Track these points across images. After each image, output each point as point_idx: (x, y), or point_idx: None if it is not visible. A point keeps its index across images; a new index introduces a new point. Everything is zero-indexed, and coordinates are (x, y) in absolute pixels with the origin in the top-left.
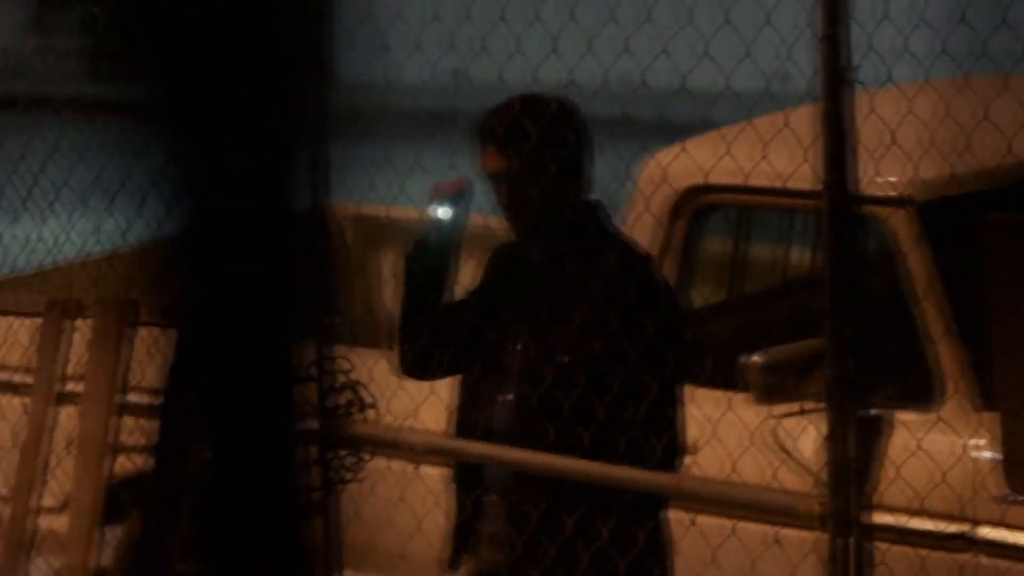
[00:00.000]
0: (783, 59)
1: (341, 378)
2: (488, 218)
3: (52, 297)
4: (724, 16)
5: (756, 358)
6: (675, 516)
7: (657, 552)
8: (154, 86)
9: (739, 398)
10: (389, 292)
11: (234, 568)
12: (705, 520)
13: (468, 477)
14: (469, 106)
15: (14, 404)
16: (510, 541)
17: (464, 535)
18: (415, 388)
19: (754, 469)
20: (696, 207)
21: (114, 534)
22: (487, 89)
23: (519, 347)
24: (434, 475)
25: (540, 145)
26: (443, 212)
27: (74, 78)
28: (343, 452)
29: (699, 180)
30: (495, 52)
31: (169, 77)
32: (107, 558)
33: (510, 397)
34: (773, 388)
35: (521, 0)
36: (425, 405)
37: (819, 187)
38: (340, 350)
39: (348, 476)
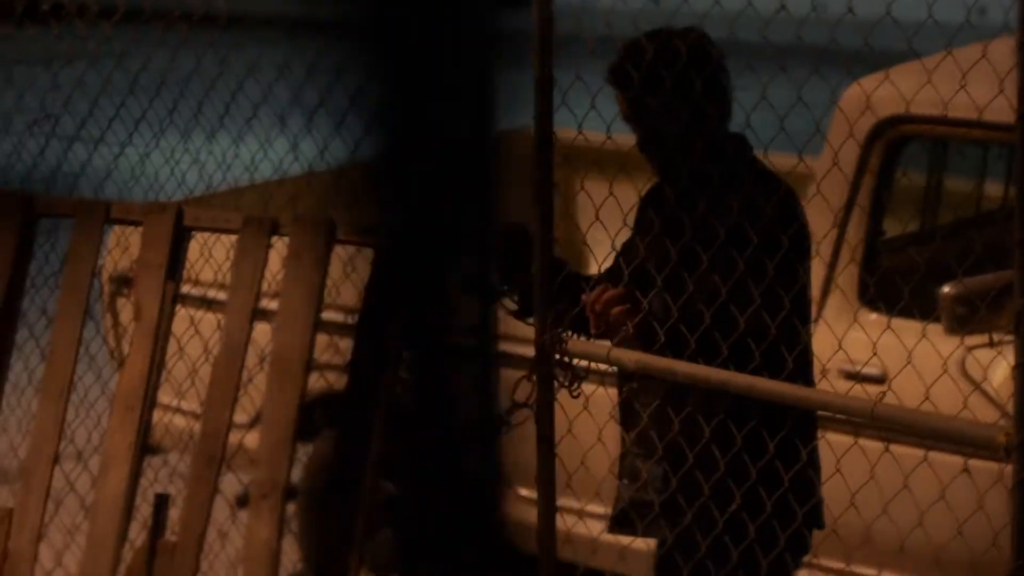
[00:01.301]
0: None
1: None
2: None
3: (248, 214)
4: None
5: (948, 288)
6: (868, 444)
7: (816, 471)
8: (358, 6)
9: (932, 328)
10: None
11: (426, 487)
12: (897, 448)
13: (627, 412)
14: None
15: (208, 319)
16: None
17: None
18: None
19: (945, 399)
20: (894, 136)
21: (305, 451)
22: (675, 13)
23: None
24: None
25: (671, 88)
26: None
27: None
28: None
29: (898, 110)
30: None
31: None
32: (298, 475)
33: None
34: (964, 319)
35: None
36: None
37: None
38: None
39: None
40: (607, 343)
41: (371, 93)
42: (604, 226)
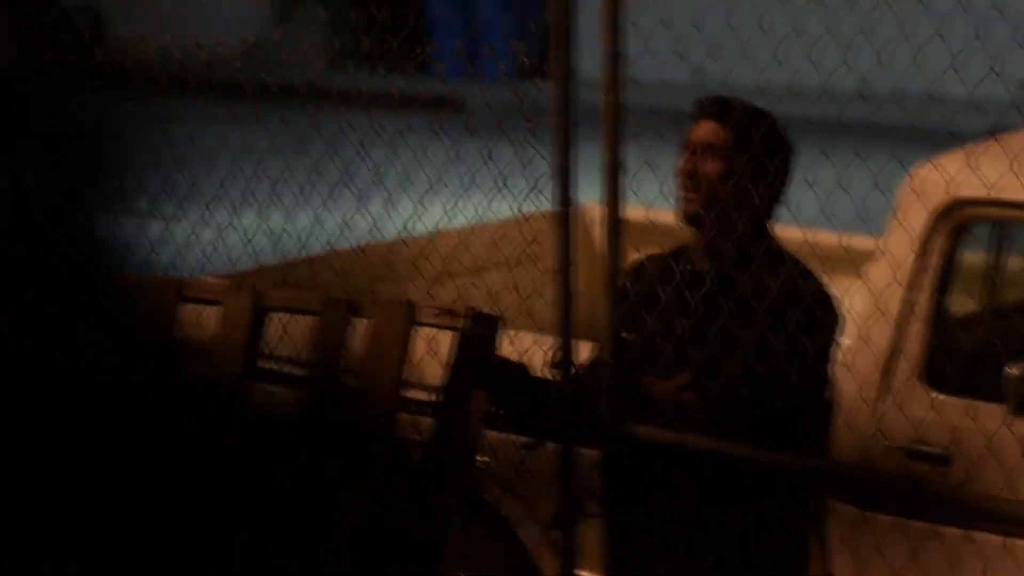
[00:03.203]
0: None
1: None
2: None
3: (327, 296)
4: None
5: (1013, 370)
6: (919, 527)
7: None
8: None
9: (993, 409)
10: None
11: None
12: (952, 532)
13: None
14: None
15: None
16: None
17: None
18: None
19: (1009, 482)
20: (963, 216)
21: None
22: (721, 87)
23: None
24: None
25: (761, 144)
26: None
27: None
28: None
29: (969, 192)
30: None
31: None
32: None
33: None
34: None
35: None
36: None
37: None
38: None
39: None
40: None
41: None
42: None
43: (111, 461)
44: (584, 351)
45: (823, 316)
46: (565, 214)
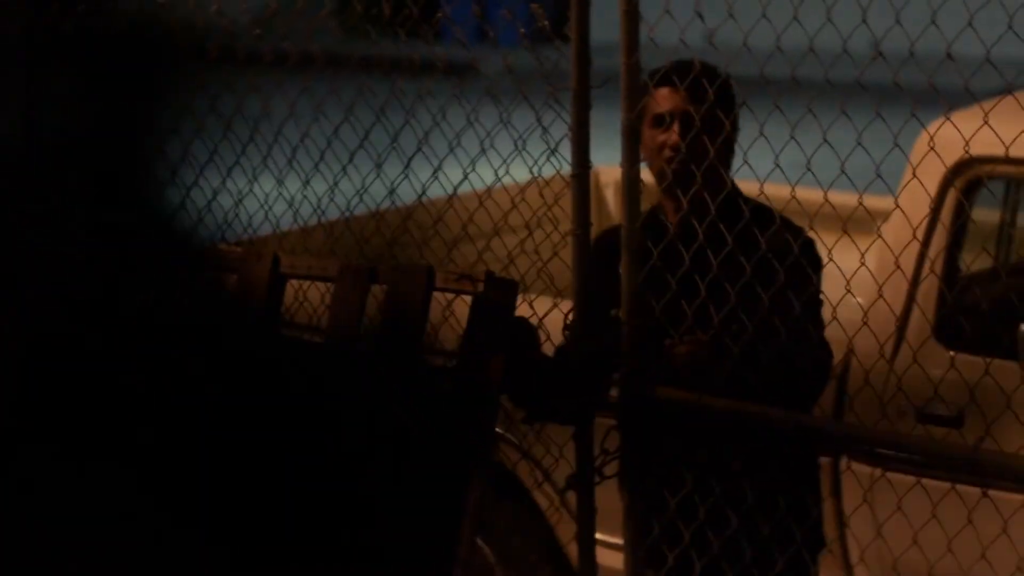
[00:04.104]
0: None
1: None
2: None
3: (345, 263)
4: None
5: None
6: (934, 484)
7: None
8: None
9: (1009, 367)
10: None
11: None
12: (967, 490)
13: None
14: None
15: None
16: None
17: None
18: None
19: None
20: (974, 175)
21: None
22: (734, 54)
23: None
24: None
25: (723, 105)
26: None
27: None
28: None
29: (980, 150)
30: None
31: None
32: None
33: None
34: None
35: None
36: None
37: None
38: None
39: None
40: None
41: None
42: None
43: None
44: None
45: (813, 260)
46: (583, 176)
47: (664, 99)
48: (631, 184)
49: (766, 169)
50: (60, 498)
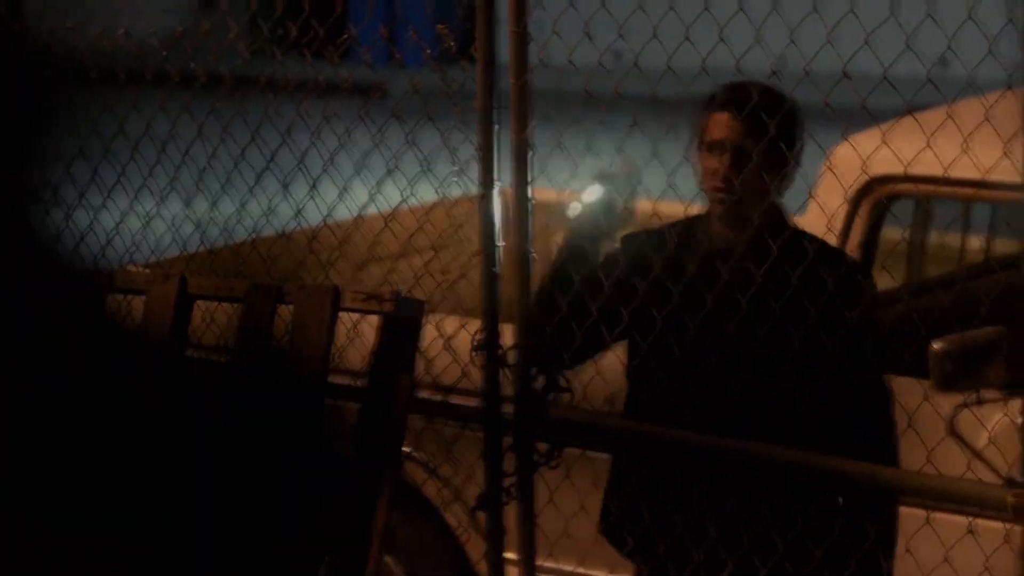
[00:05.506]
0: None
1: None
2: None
3: (252, 283)
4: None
5: (936, 345)
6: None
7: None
8: None
9: (913, 384)
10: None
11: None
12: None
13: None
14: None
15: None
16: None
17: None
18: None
19: (943, 458)
20: (884, 193)
21: None
22: (625, 74)
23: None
24: None
25: (783, 136)
26: (604, 192)
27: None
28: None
29: (889, 169)
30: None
31: None
32: None
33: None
34: (953, 376)
35: None
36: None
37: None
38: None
39: (545, 462)
40: (591, 410)
41: None
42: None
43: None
44: (507, 334)
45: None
46: (489, 196)
47: (718, 126)
48: (521, 205)
49: (661, 187)
50: None
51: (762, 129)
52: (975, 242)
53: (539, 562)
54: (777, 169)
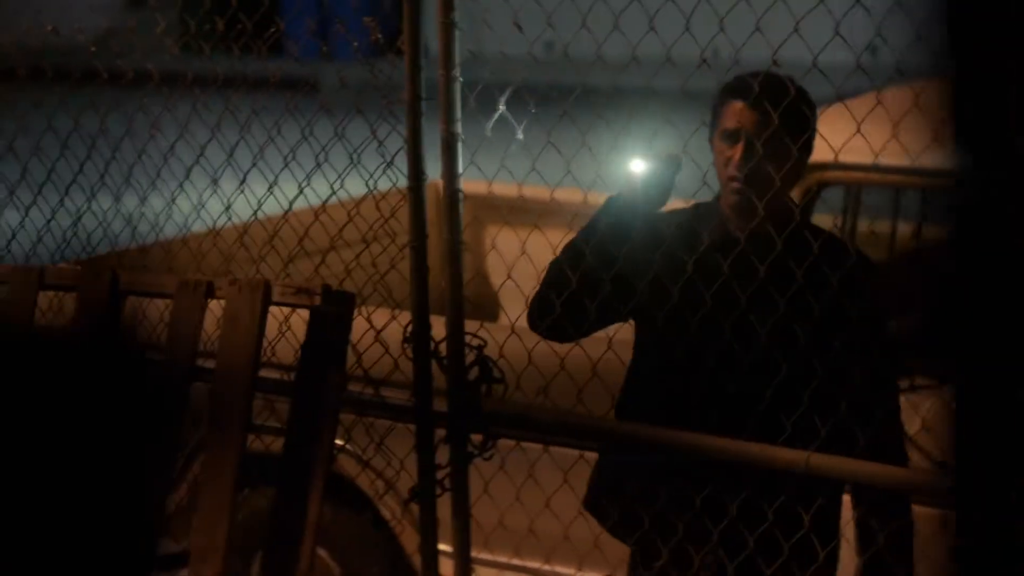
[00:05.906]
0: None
1: (471, 354)
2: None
3: (183, 278)
4: None
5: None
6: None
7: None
8: None
9: None
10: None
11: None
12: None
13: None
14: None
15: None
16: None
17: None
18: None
19: None
20: (806, 185)
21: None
22: (555, 63)
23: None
24: (564, 454)
25: (795, 126)
26: (649, 174)
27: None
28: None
29: (820, 156)
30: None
31: None
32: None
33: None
34: None
35: None
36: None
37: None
38: (469, 326)
39: (479, 453)
40: (525, 404)
41: None
42: (517, 284)
43: None
44: (439, 326)
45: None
46: (418, 189)
47: (733, 114)
48: (451, 198)
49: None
50: None
51: (773, 120)
52: (905, 229)
53: (474, 554)
54: (790, 159)
